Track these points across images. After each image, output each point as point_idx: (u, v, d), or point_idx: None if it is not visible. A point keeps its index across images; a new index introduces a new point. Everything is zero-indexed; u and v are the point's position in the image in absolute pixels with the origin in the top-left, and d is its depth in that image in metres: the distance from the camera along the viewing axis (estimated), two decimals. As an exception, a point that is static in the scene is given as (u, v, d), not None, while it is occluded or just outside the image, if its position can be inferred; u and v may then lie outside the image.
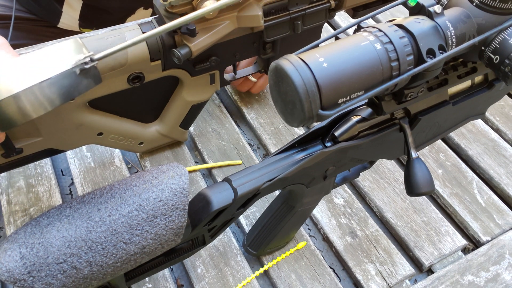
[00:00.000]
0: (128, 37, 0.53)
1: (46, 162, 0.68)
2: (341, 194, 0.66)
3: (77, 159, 0.68)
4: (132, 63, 0.53)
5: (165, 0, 0.50)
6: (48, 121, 0.54)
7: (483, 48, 0.39)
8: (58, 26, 0.95)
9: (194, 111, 0.66)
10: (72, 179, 0.68)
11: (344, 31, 0.37)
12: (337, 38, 0.36)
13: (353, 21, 0.44)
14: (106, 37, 0.52)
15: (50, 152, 0.58)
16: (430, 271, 0.60)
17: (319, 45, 0.35)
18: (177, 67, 0.58)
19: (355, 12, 0.68)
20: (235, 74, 0.67)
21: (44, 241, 0.34)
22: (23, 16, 0.93)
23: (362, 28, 0.36)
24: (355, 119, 0.45)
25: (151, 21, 0.55)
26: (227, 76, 0.67)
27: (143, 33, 0.53)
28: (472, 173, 0.69)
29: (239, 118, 0.77)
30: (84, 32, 0.97)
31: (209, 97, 0.65)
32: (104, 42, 0.52)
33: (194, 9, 0.52)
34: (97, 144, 0.62)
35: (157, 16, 0.55)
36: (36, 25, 0.95)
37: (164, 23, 0.53)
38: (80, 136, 0.59)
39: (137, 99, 0.60)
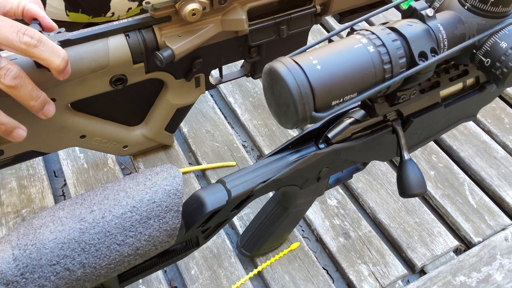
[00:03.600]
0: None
1: (39, 163, 0.68)
2: (335, 196, 0.66)
3: (70, 160, 0.68)
4: (114, 65, 0.52)
5: (148, 3, 0.49)
6: (29, 123, 0.53)
7: (474, 51, 0.39)
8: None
9: (180, 114, 0.65)
10: (65, 180, 0.67)
11: (337, 33, 0.37)
12: (330, 41, 0.36)
13: (346, 24, 0.45)
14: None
15: (32, 154, 0.57)
16: (422, 272, 0.60)
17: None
18: (161, 69, 0.57)
19: (341, 17, 0.67)
20: (221, 77, 0.66)
21: (37, 243, 0.34)
22: None
23: (355, 30, 0.37)
24: (348, 121, 0.45)
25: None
26: (213, 79, 0.66)
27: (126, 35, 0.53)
28: (464, 174, 0.69)
29: (233, 119, 0.78)
30: (70, 20, 0.96)
31: (195, 100, 0.64)
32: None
33: (177, 12, 0.51)
34: (80, 147, 0.61)
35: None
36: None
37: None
38: (62, 138, 0.57)
39: (121, 101, 0.59)
